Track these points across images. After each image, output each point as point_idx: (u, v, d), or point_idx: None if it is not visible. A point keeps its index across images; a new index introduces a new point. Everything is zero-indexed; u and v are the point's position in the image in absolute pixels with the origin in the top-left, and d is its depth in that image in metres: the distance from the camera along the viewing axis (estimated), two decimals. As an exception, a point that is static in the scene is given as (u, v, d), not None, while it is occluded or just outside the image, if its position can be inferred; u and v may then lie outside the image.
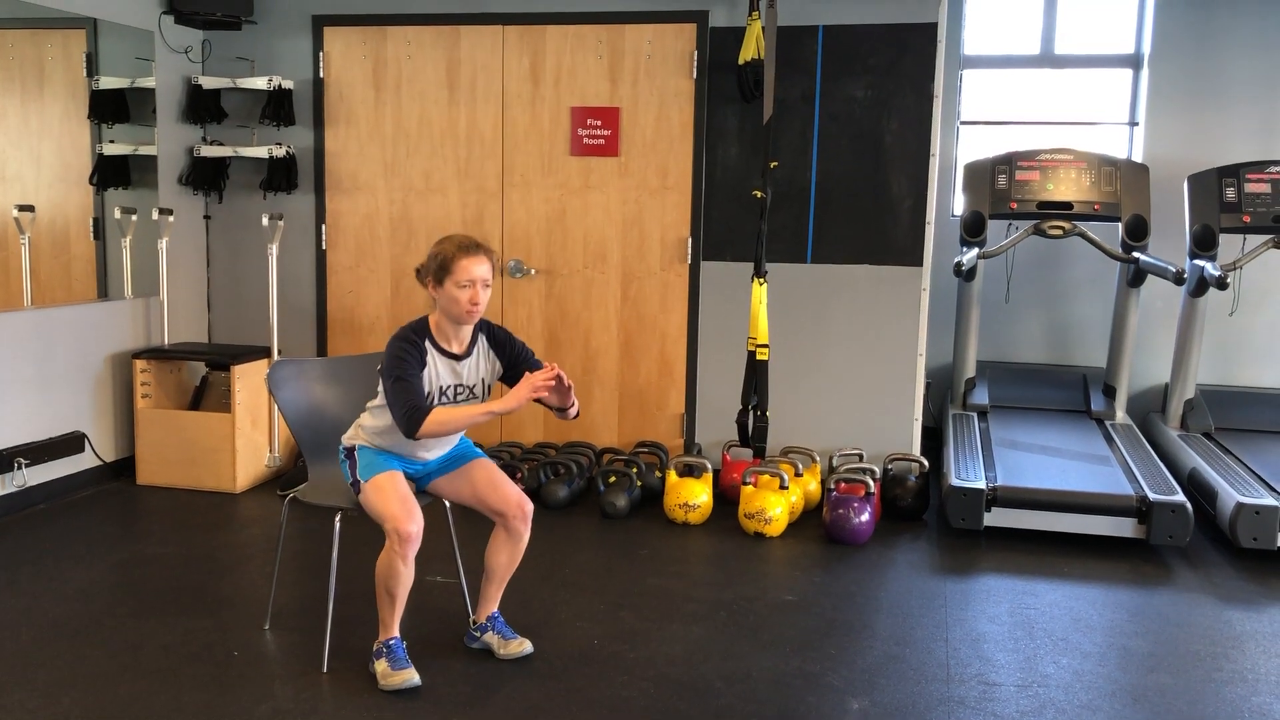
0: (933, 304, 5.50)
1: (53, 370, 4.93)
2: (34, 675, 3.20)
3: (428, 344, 3.14)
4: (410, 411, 3.00)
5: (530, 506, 3.28)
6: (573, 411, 3.17)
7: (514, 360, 3.27)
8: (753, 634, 3.60)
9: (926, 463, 5.08)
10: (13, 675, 3.20)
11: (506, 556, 3.33)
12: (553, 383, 3.02)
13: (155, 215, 5.34)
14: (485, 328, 3.26)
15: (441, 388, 3.16)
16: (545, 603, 3.82)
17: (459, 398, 3.18)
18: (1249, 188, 5.42)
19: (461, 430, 3.16)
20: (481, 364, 3.24)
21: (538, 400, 3.13)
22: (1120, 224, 5.59)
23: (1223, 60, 6.02)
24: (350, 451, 3.24)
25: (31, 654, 3.34)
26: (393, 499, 3.08)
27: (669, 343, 5.45)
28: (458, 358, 3.18)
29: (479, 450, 3.41)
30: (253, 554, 4.32)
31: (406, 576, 3.10)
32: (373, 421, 3.22)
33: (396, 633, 3.19)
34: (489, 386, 3.27)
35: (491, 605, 3.41)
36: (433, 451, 3.30)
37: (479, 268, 3.08)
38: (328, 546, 3.34)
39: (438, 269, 3.08)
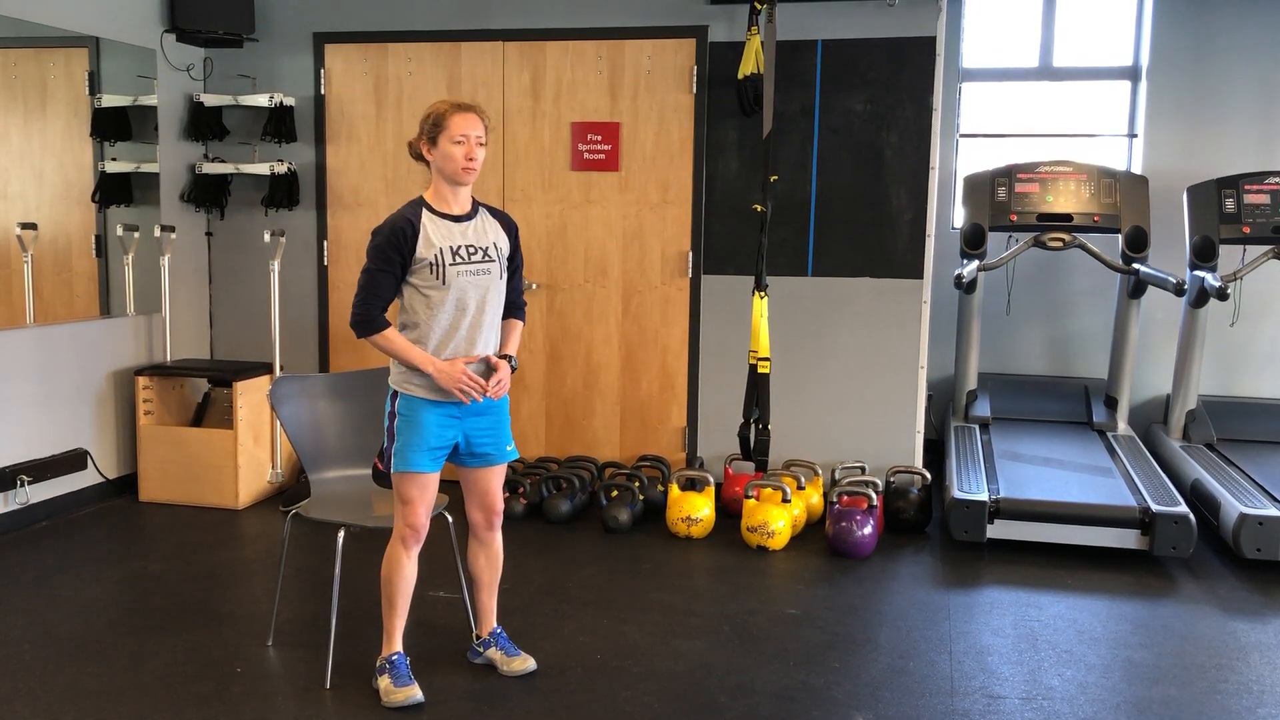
0: (933, 316, 5.51)
1: (55, 387, 4.94)
2: (36, 692, 3.19)
3: (424, 212, 3.08)
4: (364, 315, 3.01)
5: (499, 520, 3.32)
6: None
7: (514, 241, 3.25)
8: (756, 648, 3.59)
9: (929, 475, 5.08)
10: (15, 692, 3.19)
11: (484, 560, 3.34)
12: (479, 397, 3.06)
13: (157, 232, 5.36)
14: (484, 205, 3.24)
15: (452, 248, 3.06)
16: (548, 618, 3.82)
17: (473, 258, 3.10)
18: (1248, 199, 5.43)
19: (395, 357, 3.06)
20: (488, 228, 3.18)
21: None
22: (1120, 235, 5.60)
23: (1221, 72, 6.04)
24: (394, 398, 3.13)
25: (34, 670, 3.34)
26: (414, 485, 3.08)
27: (670, 356, 5.45)
28: (459, 218, 3.13)
29: (512, 451, 3.31)
30: (255, 570, 4.32)
31: (409, 571, 3.11)
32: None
33: (399, 648, 3.19)
34: (502, 254, 3.18)
35: (490, 617, 3.40)
36: (476, 342, 3.14)
37: (472, 124, 3.06)
38: (330, 562, 3.34)
39: (431, 127, 3.07)
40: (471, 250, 3.10)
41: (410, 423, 3.09)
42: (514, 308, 3.28)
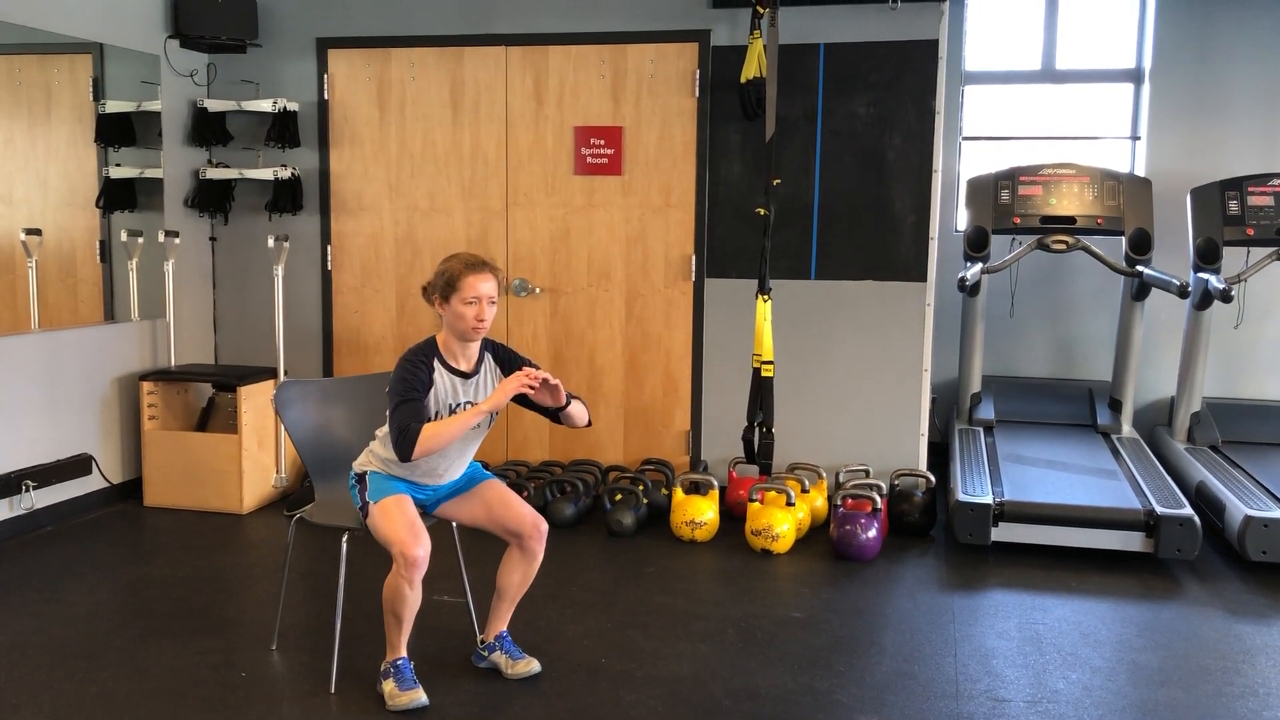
0: (937, 319, 5.51)
1: (60, 393, 4.95)
2: (41, 697, 3.20)
3: (436, 362, 3.15)
4: (401, 433, 3.01)
5: (545, 526, 3.28)
6: (573, 410, 3.17)
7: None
8: (760, 651, 3.59)
9: (933, 478, 5.07)
10: (20, 697, 3.20)
11: (520, 576, 3.33)
12: (537, 381, 3.05)
13: (161, 237, 5.37)
14: (490, 347, 3.28)
15: (452, 405, 3.16)
16: (552, 621, 3.82)
17: None
18: (1252, 200, 5.42)
19: (453, 440, 3.10)
20: (490, 382, 3.25)
21: (534, 407, 3.17)
22: (1124, 238, 5.59)
23: (1224, 74, 6.04)
24: (361, 477, 3.24)
25: (39, 676, 3.34)
26: (400, 523, 3.07)
27: (674, 360, 5.45)
28: (466, 375, 3.19)
29: (488, 472, 3.41)
30: (259, 575, 4.32)
31: (413, 599, 3.09)
32: (384, 450, 3.21)
33: (404, 653, 3.19)
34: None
35: (501, 624, 3.40)
36: (444, 477, 3.29)
37: (485, 285, 3.10)
38: (335, 567, 3.34)
39: (444, 286, 3.11)
40: (468, 408, 3.17)
41: (381, 478, 3.21)
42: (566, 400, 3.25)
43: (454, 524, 3.54)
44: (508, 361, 3.29)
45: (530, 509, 3.28)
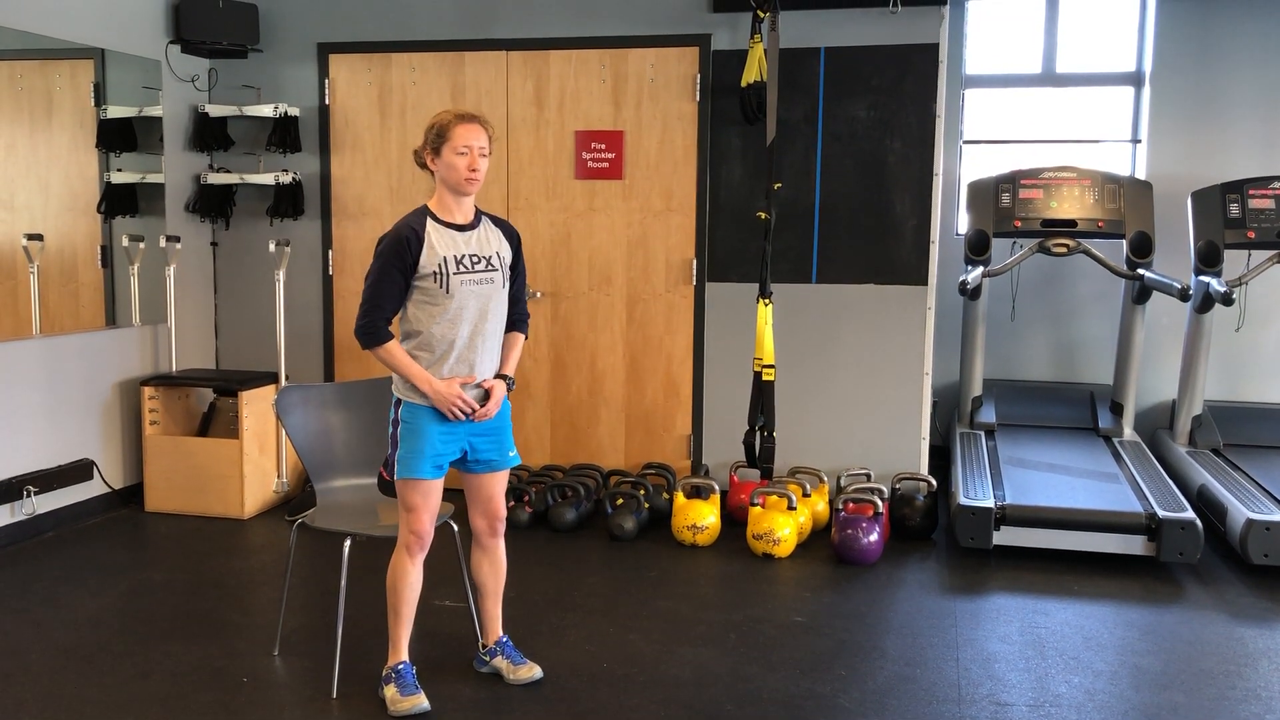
0: (938, 323, 5.51)
1: (61, 398, 4.95)
2: (44, 702, 3.20)
3: (427, 221, 3.09)
4: (367, 329, 3.02)
5: (502, 528, 3.33)
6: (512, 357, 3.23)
7: (517, 251, 3.27)
8: (762, 656, 3.59)
9: (934, 482, 5.07)
10: (23, 702, 3.20)
11: (488, 567, 3.35)
12: (482, 411, 3.09)
13: (163, 243, 5.37)
14: (488, 214, 3.25)
15: (456, 256, 3.08)
16: (554, 626, 3.82)
17: (477, 266, 3.11)
18: (1253, 203, 5.42)
19: (395, 371, 3.08)
20: (491, 237, 3.19)
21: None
22: (1125, 241, 5.59)
23: (1224, 77, 6.04)
24: (397, 405, 3.15)
25: (41, 681, 3.34)
26: (417, 493, 3.09)
27: (675, 364, 5.45)
28: (462, 228, 3.14)
29: (514, 457, 3.32)
30: (261, 580, 4.32)
31: (415, 579, 3.12)
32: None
33: (406, 657, 3.19)
34: (505, 263, 3.19)
35: (496, 625, 3.40)
36: (475, 365, 3.15)
37: (475, 135, 3.08)
38: (336, 572, 3.34)
39: (435, 138, 3.08)
40: (475, 259, 3.11)
41: (413, 430, 3.11)
42: (516, 320, 3.28)
43: (455, 528, 3.54)
44: (510, 231, 3.26)
45: (501, 508, 3.30)
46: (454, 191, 3.12)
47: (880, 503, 4.68)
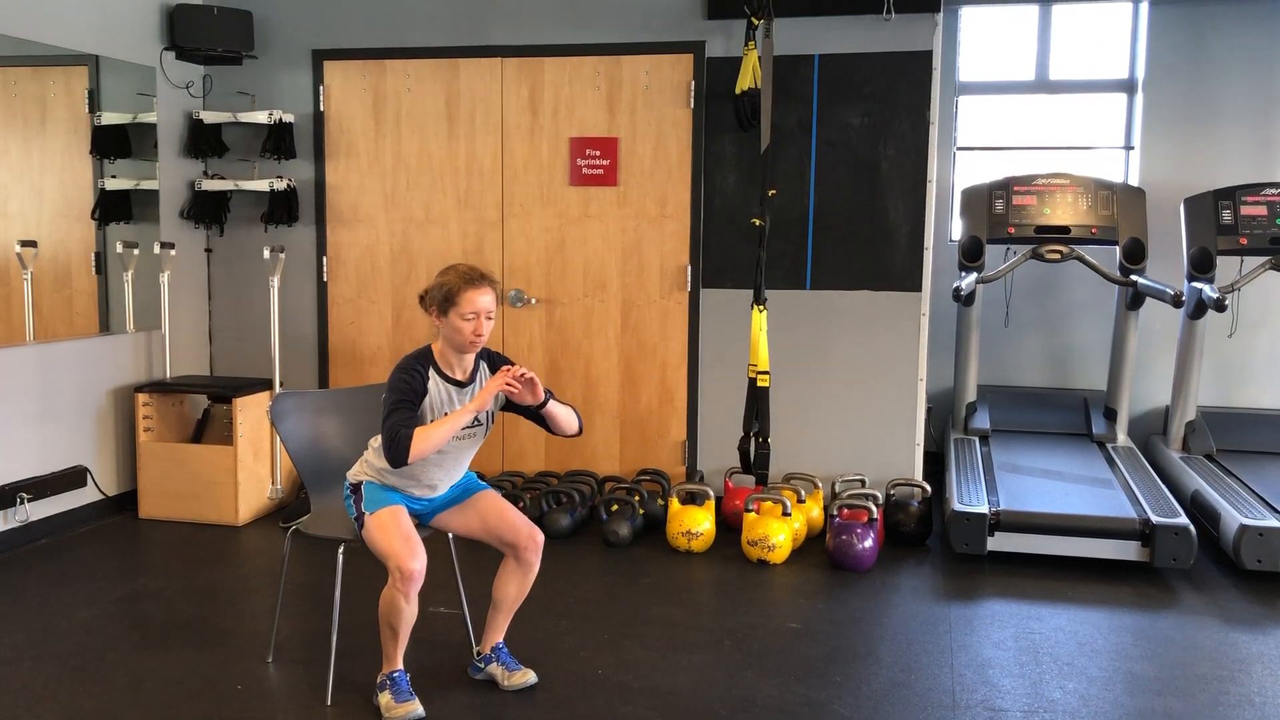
0: (932, 329, 5.52)
1: (55, 405, 4.94)
2: (37, 710, 3.19)
3: (431, 371, 3.15)
4: (393, 439, 3.01)
5: (541, 537, 3.28)
6: (554, 410, 3.17)
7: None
8: (757, 662, 3.59)
9: (929, 488, 5.08)
10: (15, 711, 3.18)
11: (516, 588, 3.33)
12: (517, 380, 3.05)
13: (157, 249, 5.37)
14: (485, 355, 3.28)
15: (448, 415, 3.15)
16: (549, 632, 3.81)
17: (466, 425, 3.15)
18: (1245, 210, 5.44)
19: (444, 441, 3.08)
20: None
21: (520, 410, 3.19)
22: (1118, 247, 5.61)
23: (1216, 84, 6.07)
24: (356, 488, 3.23)
25: (34, 689, 3.33)
26: (396, 536, 3.07)
27: (670, 370, 5.46)
28: (461, 384, 3.19)
29: (483, 483, 3.41)
30: (255, 587, 4.31)
31: (409, 613, 3.09)
32: (378, 460, 3.21)
33: (400, 665, 3.19)
34: (492, 415, 3.27)
35: (497, 635, 3.40)
36: (439, 487, 3.29)
37: (483, 299, 3.09)
38: (330, 579, 3.34)
39: (442, 300, 3.10)
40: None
41: (375, 489, 3.20)
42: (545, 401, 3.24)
43: (450, 535, 3.54)
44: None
45: (526, 520, 3.28)
46: (457, 350, 3.16)
47: (875, 509, 4.68)
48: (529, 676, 3.35)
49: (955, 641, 3.79)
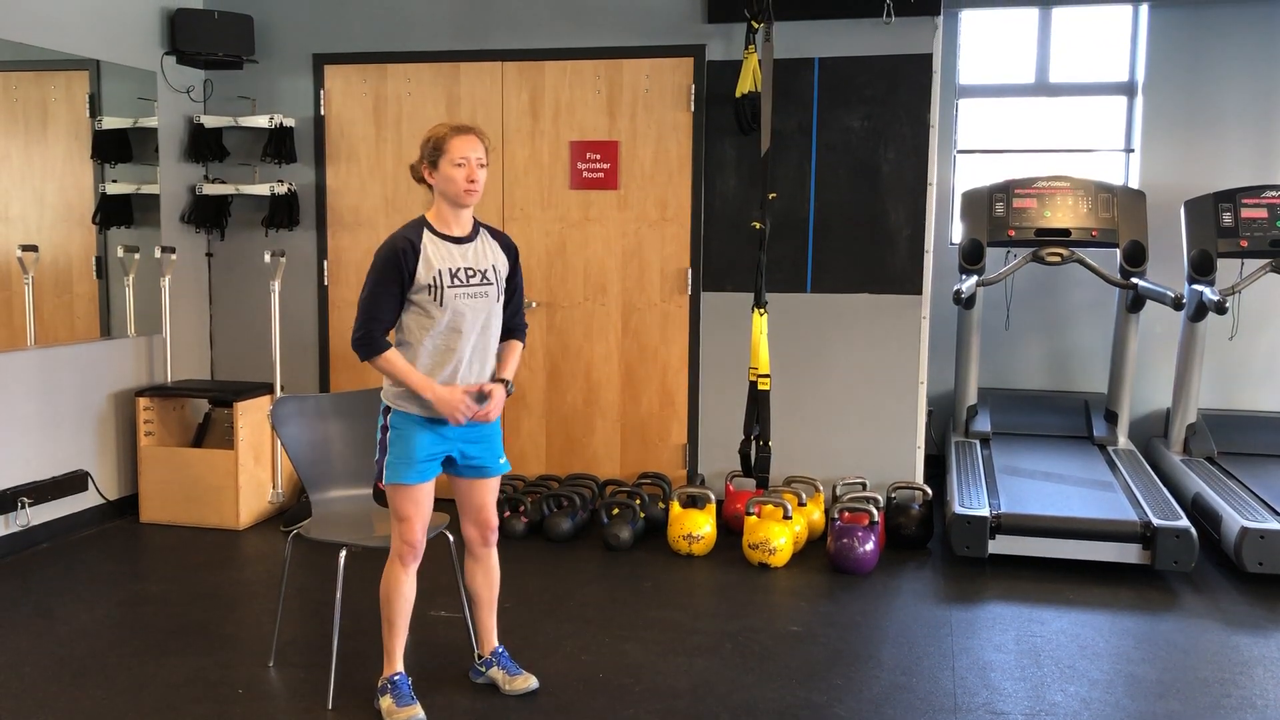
0: (933, 332, 5.52)
1: (56, 409, 4.94)
2: (38, 715, 3.19)
3: (425, 233, 3.08)
4: (364, 338, 3.00)
5: (494, 538, 3.31)
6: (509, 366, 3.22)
7: (514, 264, 3.25)
8: (758, 665, 3.59)
9: (930, 491, 5.07)
10: (17, 715, 3.18)
11: (482, 577, 3.34)
12: (482, 412, 3.07)
13: (158, 253, 5.37)
14: (486, 226, 3.24)
15: (451, 270, 3.07)
16: (550, 636, 3.81)
17: (471, 280, 3.10)
18: (1245, 213, 5.44)
19: (395, 379, 3.05)
20: (488, 250, 3.19)
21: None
22: (1118, 250, 5.61)
23: (1216, 86, 6.07)
24: (386, 412, 3.14)
25: (35, 693, 3.33)
26: (409, 502, 3.08)
27: (670, 374, 5.46)
28: (460, 240, 3.13)
29: (504, 464, 3.31)
30: (256, 591, 4.31)
31: (408, 590, 3.11)
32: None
33: (401, 668, 3.19)
34: (501, 277, 3.19)
35: (491, 636, 3.40)
36: (470, 372, 3.15)
37: (473, 146, 3.08)
38: (332, 583, 3.34)
39: (432, 150, 3.08)
40: (470, 273, 3.11)
41: (402, 436, 3.10)
42: (514, 329, 3.29)
43: (450, 538, 3.54)
44: (507, 244, 3.25)
45: (493, 515, 3.29)
46: (453, 204, 3.12)
47: (876, 512, 4.68)
48: (530, 682, 3.35)
49: (956, 645, 3.79)
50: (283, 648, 3.67)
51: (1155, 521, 4.42)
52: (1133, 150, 6.32)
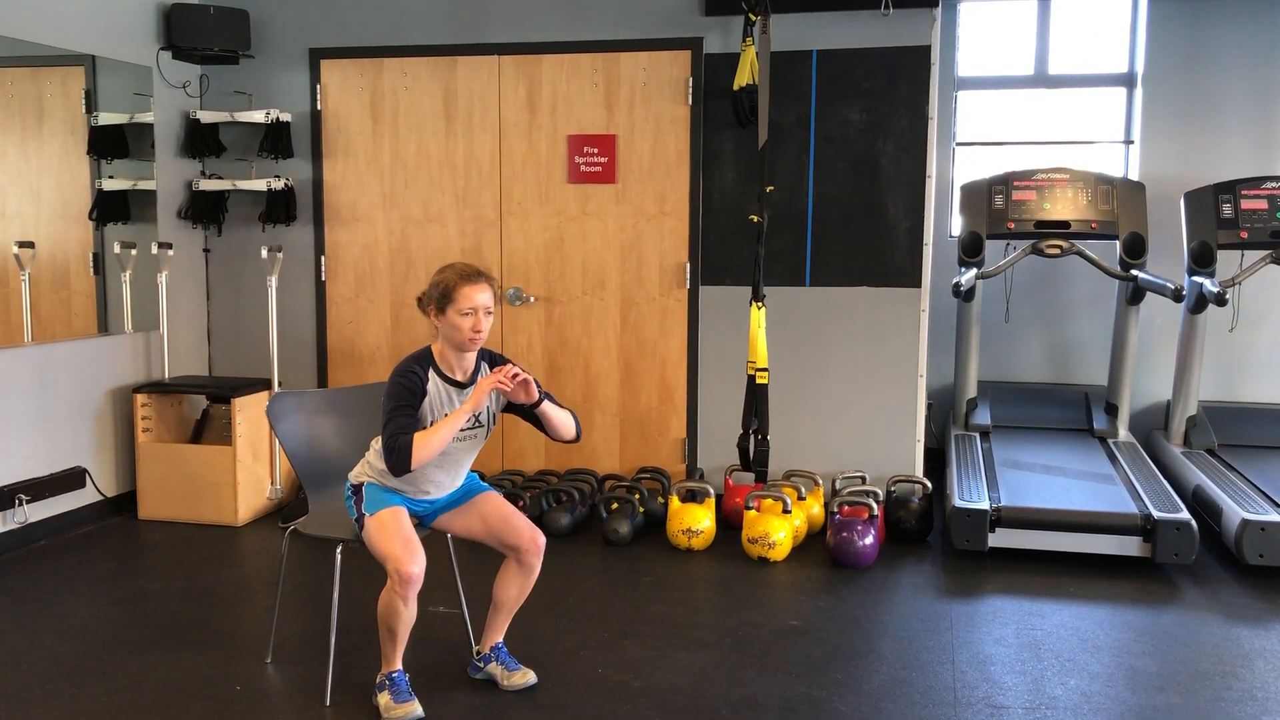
0: (932, 325, 5.50)
1: (53, 406, 4.93)
2: (36, 712, 3.18)
3: (431, 373, 3.13)
4: (393, 446, 3.00)
5: (543, 540, 3.27)
6: (548, 410, 3.16)
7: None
8: (758, 660, 3.58)
9: (930, 484, 5.07)
10: (15, 713, 3.18)
11: (517, 589, 3.32)
12: (509, 379, 3.02)
13: (155, 249, 5.36)
14: (486, 356, 3.27)
15: (446, 416, 3.13)
16: (549, 632, 3.81)
17: (466, 427, 3.14)
18: (1245, 204, 5.43)
19: (444, 444, 3.06)
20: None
21: (517, 411, 3.18)
22: (1118, 242, 5.60)
23: (1216, 78, 6.05)
24: (357, 489, 3.22)
25: (33, 691, 3.32)
26: (395, 538, 3.06)
27: (669, 368, 5.45)
28: (462, 385, 3.17)
29: (485, 484, 3.40)
30: (254, 587, 4.31)
31: (408, 616, 3.08)
32: (379, 462, 3.18)
33: (399, 665, 3.18)
34: (494, 415, 3.25)
35: (497, 636, 3.39)
36: (441, 489, 3.27)
37: (481, 295, 3.08)
38: (329, 579, 3.33)
39: (440, 297, 3.08)
40: (468, 419, 3.12)
41: (378, 493, 3.18)
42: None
43: (449, 535, 3.53)
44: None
45: (528, 523, 3.26)
46: (456, 349, 3.13)
47: (875, 506, 4.67)
48: (529, 677, 3.34)
49: (956, 638, 3.78)
50: (280, 644, 3.66)
51: (1156, 514, 4.41)
52: (1132, 142, 6.30)
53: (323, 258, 5.75)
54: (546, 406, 3.16)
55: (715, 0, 5.15)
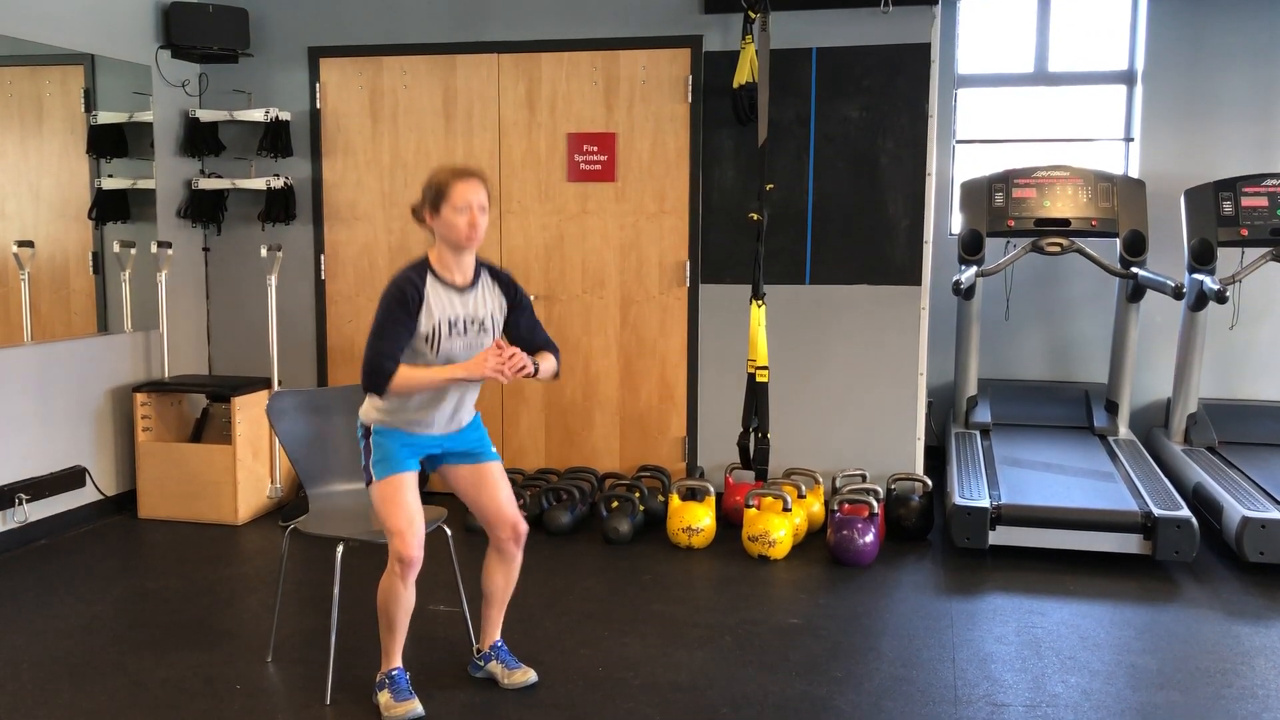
0: (932, 323, 5.50)
1: (53, 405, 4.93)
2: (36, 711, 3.18)
3: (428, 277, 3.07)
4: (372, 368, 2.97)
5: (524, 528, 3.26)
6: (544, 371, 3.14)
7: (516, 301, 3.22)
8: (758, 658, 3.58)
9: (930, 482, 5.06)
10: (15, 711, 3.18)
11: (503, 578, 3.32)
12: (509, 370, 2.97)
13: (154, 248, 5.36)
14: (487, 267, 3.22)
15: (451, 319, 3.07)
16: (549, 630, 3.80)
17: (469, 330, 3.09)
18: (1245, 201, 5.42)
19: (422, 389, 3.03)
20: (488, 297, 3.17)
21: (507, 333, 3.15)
22: (1118, 239, 5.59)
23: (1216, 75, 6.04)
24: (367, 431, 3.15)
25: (33, 690, 3.32)
26: (399, 513, 3.04)
27: (669, 366, 5.44)
28: (461, 289, 3.12)
29: (496, 454, 3.32)
30: (255, 586, 4.30)
31: (407, 600, 3.08)
32: (382, 399, 3.11)
33: (399, 663, 3.18)
34: (498, 323, 3.18)
35: (494, 631, 3.39)
36: (442, 425, 3.17)
37: (474, 192, 3.04)
38: (329, 577, 3.33)
39: (434, 197, 3.05)
40: (470, 321, 3.10)
41: (382, 444, 3.12)
42: (538, 349, 3.23)
43: (449, 533, 3.53)
44: (508, 282, 3.22)
45: (514, 510, 3.25)
46: (454, 249, 3.09)
47: (876, 504, 4.67)
48: (529, 675, 3.34)
49: (957, 636, 3.78)
50: (281, 643, 3.66)
51: (1156, 511, 4.41)
52: (1132, 139, 6.30)
53: (322, 256, 5.75)
54: (542, 371, 3.14)
55: (715, -2, 5.15)
